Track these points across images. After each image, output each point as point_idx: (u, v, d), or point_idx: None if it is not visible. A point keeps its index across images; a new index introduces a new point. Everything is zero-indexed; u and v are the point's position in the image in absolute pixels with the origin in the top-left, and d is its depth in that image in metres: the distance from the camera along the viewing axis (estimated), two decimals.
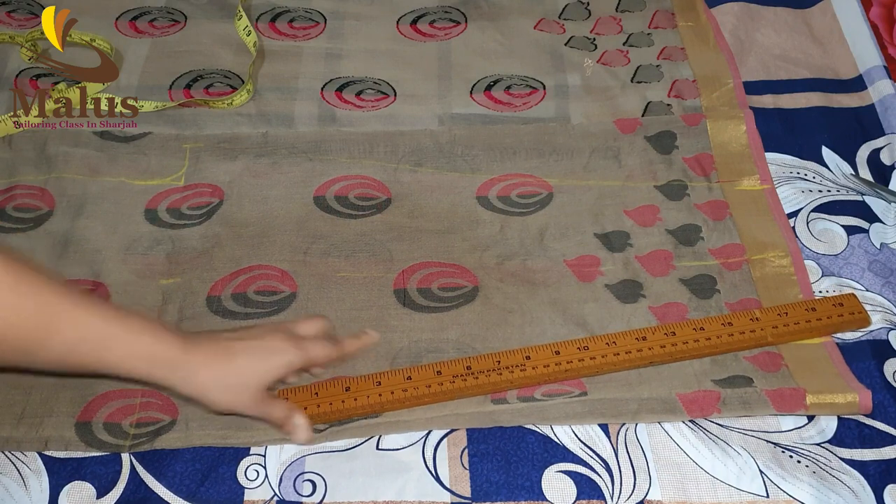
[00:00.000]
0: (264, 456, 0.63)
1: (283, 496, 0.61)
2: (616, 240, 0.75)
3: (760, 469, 0.62)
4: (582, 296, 0.71)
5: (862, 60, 0.89)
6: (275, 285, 0.72)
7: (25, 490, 0.61)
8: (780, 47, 0.92)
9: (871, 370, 0.67)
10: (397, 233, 0.76)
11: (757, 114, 0.84)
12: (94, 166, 0.80)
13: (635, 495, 0.61)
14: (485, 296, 0.72)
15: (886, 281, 0.73)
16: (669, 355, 0.66)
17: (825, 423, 0.65)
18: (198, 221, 0.77)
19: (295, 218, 0.77)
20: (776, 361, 0.67)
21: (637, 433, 0.64)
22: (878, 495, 0.61)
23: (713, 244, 0.75)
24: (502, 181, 0.80)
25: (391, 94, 0.88)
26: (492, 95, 0.88)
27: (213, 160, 0.81)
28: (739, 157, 0.81)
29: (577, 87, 0.89)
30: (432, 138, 0.83)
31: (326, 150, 0.82)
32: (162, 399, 0.65)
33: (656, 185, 0.79)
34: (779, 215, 0.77)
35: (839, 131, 0.84)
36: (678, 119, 0.84)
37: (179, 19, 0.95)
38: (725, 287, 0.72)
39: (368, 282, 0.72)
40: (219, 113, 0.86)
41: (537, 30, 0.95)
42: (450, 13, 0.97)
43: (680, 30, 0.94)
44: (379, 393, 0.64)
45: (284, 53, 0.92)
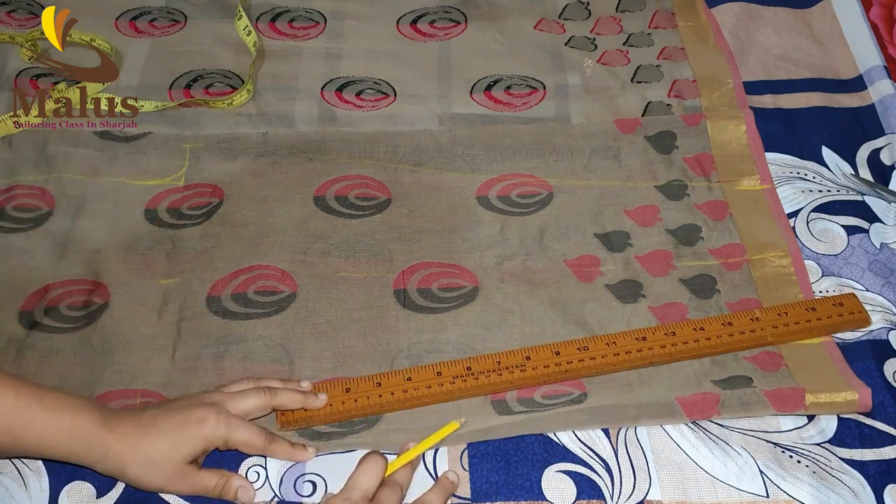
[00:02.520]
0: (265, 457, 0.63)
1: (283, 497, 0.61)
2: (616, 240, 0.75)
3: (760, 469, 0.62)
4: (582, 296, 0.71)
5: (862, 60, 0.89)
6: (275, 285, 0.72)
7: (25, 490, 0.61)
8: (780, 47, 0.92)
9: (871, 370, 0.67)
10: (397, 233, 0.76)
11: (757, 114, 0.84)
12: (94, 166, 0.80)
13: (635, 495, 0.61)
14: (485, 296, 0.72)
15: (886, 281, 0.73)
16: (669, 355, 0.66)
17: (825, 423, 0.65)
18: (198, 221, 0.77)
19: (295, 218, 0.77)
20: (776, 361, 0.67)
21: (637, 433, 0.64)
22: (878, 495, 0.61)
23: (713, 244, 0.75)
24: (502, 181, 0.80)
25: (391, 94, 0.88)
26: (492, 95, 0.88)
27: (213, 160, 0.81)
28: (739, 157, 0.81)
29: (577, 87, 0.89)
30: (432, 138, 0.83)
31: (326, 150, 0.82)
32: (162, 399, 0.65)
33: (656, 185, 0.79)
34: (779, 215, 0.77)
35: (839, 131, 0.84)
36: (678, 119, 0.84)
37: (179, 19, 0.95)
38: (725, 287, 0.72)
39: (368, 282, 0.72)
40: (219, 113, 0.86)
41: (537, 30, 0.95)
42: (450, 13, 0.97)
43: (680, 30, 0.94)
44: (379, 394, 0.64)
45: (284, 53, 0.92)
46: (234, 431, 0.59)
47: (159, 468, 0.58)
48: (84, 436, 0.57)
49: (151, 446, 0.58)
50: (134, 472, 0.58)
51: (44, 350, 0.68)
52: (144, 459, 0.58)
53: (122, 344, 0.68)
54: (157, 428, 0.58)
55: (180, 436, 0.58)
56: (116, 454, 0.57)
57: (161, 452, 0.58)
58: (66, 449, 0.57)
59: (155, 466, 0.58)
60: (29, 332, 0.69)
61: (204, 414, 0.59)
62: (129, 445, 0.57)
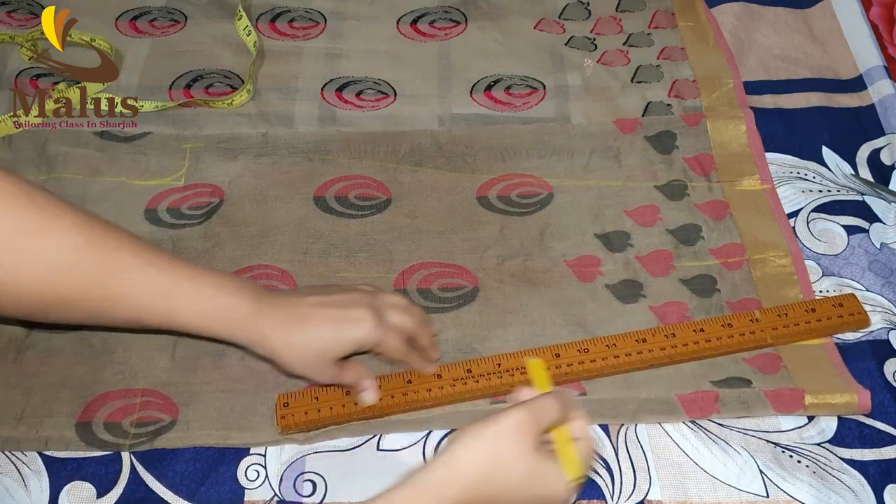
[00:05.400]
0: (264, 456, 0.63)
1: (283, 496, 0.61)
2: (616, 240, 0.75)
3: (760, 469, 0.62)
4: (582, 296, 0.71)
5: (862, 60, 0.89)
6: (274, 285, 0.72)
7: (25, 490, 0.61)
8: (780, 47, 0.92)
9: (871, 370, 0.67)
10: (397, 233, 0.76)
11: (757, 114, 0.84)
12: (94, 166, 0.80)
13: (635, 495, 0.61)
14: (485, 296, 0.72)
15: (886, 281, 0.73)
16: (670, 357, 0.66)
17: (825, 423, 0.65)
18: (198, 221, 0.77)
19: (295, 218, 0.77)
20: (775, 363, 0.67)
21: (637, 433, 0.64)
22: (878, 495, 0.61)
23: (713, 244, 0.75)
24: (502, 181, 0.80)
25: (391, 94, 0.88)
26: (492, 95, 0.88)
27: (213, 160, 0.81)
28: (739, 157, 0.81)
29: (577, 87, 0.89)
30: (432, 138, 0.83)
31: (326, 150, 0.82)
32: (162, 399, 0.65)
33: (656, 185, 0.79)
34: (779, 215, 0.77)
35: (839, 131, 0.84)
36: (678, 119, 0.84)
37: (179, 19, 0.95)
38: (726, 287, 0.72)
39: (368, 282, 0.72)
40: (219, 113, 0.86)
41: (537, 30, 0.95)
42: (450, 13, 0.97)
43: (680, 30, 0.94)
44: (379, 397, 0.64)
45: (284, 53, 0.92)
46: (386, 338, 0.61)
47: (308, 361, 0.60)
48: (239, 322, 0.59)
49: (307, 341, 0.59)
50: (287, 359, 0.60)
51: (44, 350, 0.68)
52: (296, 351, 0.60)
53: (122, 344, 0.68)
54: (313, 322, 0.60)
55: (335, 336, 0.60)
56: (270, 342, 0.59)
57: (314, 348, 0.60)
58: (220, 329, 0.59)
59: (305, 358, 0.60)
60: (29, 331, 0.68)
61: (361, 315, 0.60)
62: (283, 336, 0.59)
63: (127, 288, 0.56)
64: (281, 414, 0.63)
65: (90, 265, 0.55)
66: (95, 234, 0.56)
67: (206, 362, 0.67)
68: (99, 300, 0.56)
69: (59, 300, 0.55)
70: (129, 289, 0.56)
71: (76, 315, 0.57)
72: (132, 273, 0.56)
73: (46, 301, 0.55)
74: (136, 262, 0.57)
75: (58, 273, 0.54)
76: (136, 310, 0.58)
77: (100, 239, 0.56)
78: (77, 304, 0.56)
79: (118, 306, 0.57)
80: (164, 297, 0.57)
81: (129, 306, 0.57)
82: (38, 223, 0.54)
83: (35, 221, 0.54)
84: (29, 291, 0.54)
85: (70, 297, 0.55)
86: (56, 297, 0.55)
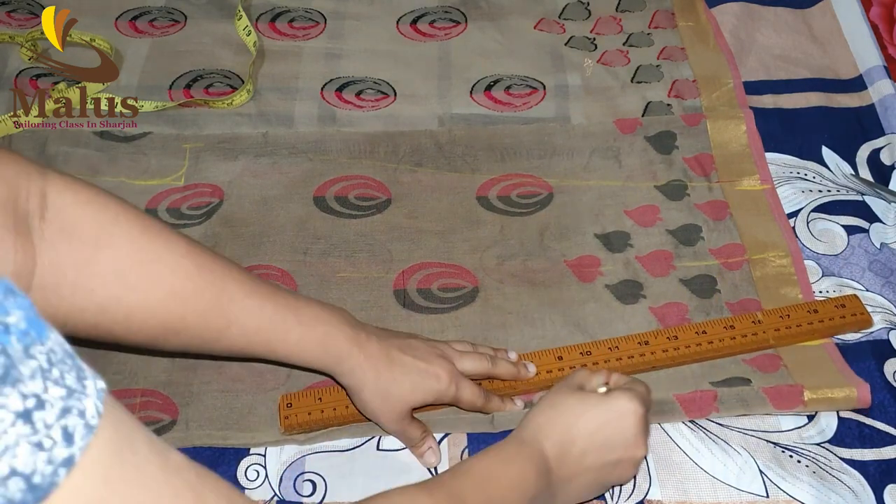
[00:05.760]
0: (264, 456, 0.63)
1: (283, 496, 0.61)
2: (616, 240, 0.75)
3: (760, 469, 0.62)
4: (582, 296, 0.71)
5: (862, 60, 0.89)
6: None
7: None
8: (780, 47, 0.92)
9: (871, 370, 0.67)
10: (397, 233, 0.76)
11: (757, 114, 0.84)
12: (94, 166, 0.80)
13: (635, 495, 0.61)
14: (485, 296, 0.72)
15: (886, 281, 0.73)
16: (672, 359, 0.66)
17: (825, 423, 0.64)
18: (198, 221, 0.77)
19: (295, 218, 0.77)
20: (775, 363, 0.67)
21: None
22: (878, 495, 0.61)
23: (713, 244, 0.75)
24: (502, 181, 0.80)
25: (391, 94, 0.88)
26: (492, 95, 0.88)
27: (213, 160, 0.81)
28: (739, 157, 0.81)
29: (577, 87, 0.89)
30: (432, 138, 0.83)
31: (326, 150, 0.82)
32: (162, 399, 0.65)
33: (656, 185, 0.79)
34: (779, 215, 0.77)
35: (839, 131, 0.84)
36: (678, 119, 0.84)
37: (179, 19, 0.95)
38: (726, 287, 0.72)
39: (368, 282, 0.72)
40: (219, 113, 0.86)
41: (537, 30, 0.95)
42: (450, 13, 0.96)
43: (680, 30, 0.94)
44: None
45: (284, 53, 0.92)
46: (461, 391, 0.61)
47: (389, 404, 0.60)
48: (335, 350, 0.58)
49: (393, 381, 0.59)
50: (367, 395, 0.60)
51: None
52: (382, 390, 0.59)
53: None
54: (402, 365, 0.60)
55: (419, 384, 0.60)
56: (362, 375, 0.59)
57: (399, 391, 0.59)
58: (318, 361, 0.59)
59: (387, 401, 0.60)
60: None
61: (440, 370, 0.60)
62: (374, 370, 0.59)
63: (233, 317, 0.56)
64: (284, 414, 0.63)
65: (202, 292, 0.55)
66: (204, 261, 0.56)
67: (206, 362, 0.67)
68: (204, 328, 0.56)
69: (180, 326, 0.55)
70: (235, 318, 0.56)
71: (183, 342, 0.57)
72: (237, 303, 0.56)
73: (167, 327, 0.55)
74: (241, 291, 0.56)
75: (179, 299, 0.54)
76: (240, 340, 0.57)
77: (208, 266, 0.56)
78: (188, 330, 0.55)
79: (222, 335, 0.56)
80: (266, 329, 0.57)
81: (233, 335, 0.57)
82: (155, 250, 0.54)
83: (152, 247, 0.54)
84: (154, 316, 0.54)
85: (186, 324, 0.55)
86: (178, 322, 0.55)
